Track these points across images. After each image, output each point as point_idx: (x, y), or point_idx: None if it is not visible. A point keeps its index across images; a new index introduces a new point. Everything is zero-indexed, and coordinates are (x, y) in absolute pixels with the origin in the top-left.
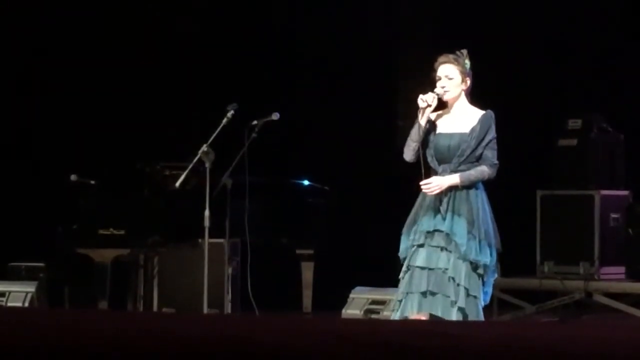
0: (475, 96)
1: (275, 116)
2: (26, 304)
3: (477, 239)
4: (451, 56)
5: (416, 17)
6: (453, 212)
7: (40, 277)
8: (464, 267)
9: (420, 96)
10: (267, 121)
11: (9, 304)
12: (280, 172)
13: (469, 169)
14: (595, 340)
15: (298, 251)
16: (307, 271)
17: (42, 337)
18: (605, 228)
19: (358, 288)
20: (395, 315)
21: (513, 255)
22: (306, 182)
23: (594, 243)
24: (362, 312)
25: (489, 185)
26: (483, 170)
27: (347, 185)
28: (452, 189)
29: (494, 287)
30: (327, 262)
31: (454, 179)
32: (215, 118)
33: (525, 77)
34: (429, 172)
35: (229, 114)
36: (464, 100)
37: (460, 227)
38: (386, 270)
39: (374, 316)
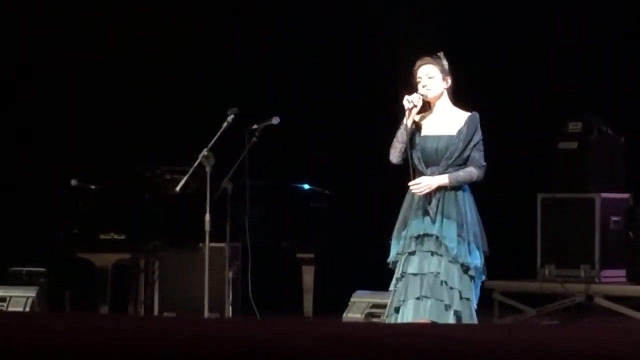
0: (475, 98)
1: (276, 120)
2: (27, 309)
3: (466, 242)
4: (428, 58)
5: (417, 19)
6: (442, 214)
7: (41, 282)
8: (455, 270)
9: (406, 97)
10: (267, 125)
11: (10, 309)
12: (281, 176)
13: (456, 171)
14: (596, 343)
15: (299, 255)
16: (308, 275)
17: (43, 341)
18: (606, 231)
19: (359, 292)
20: (391, 322)
21: (514, 259)
22: (306, 186)
23: (595, 246)
24: (363, 316)
25: (488, 188)
26: (471, 172)
27: (347, 189)
28: (440, 190)
29: (495, 290)
30: (327, 265)
31: (442, 179)
32: (216, 122)
33: (526, 80)
34: (417, 173)
35: (230, 118)
36: (447, 100)
37: (450, 230)
38: (387, 274)
39: (374, 320)
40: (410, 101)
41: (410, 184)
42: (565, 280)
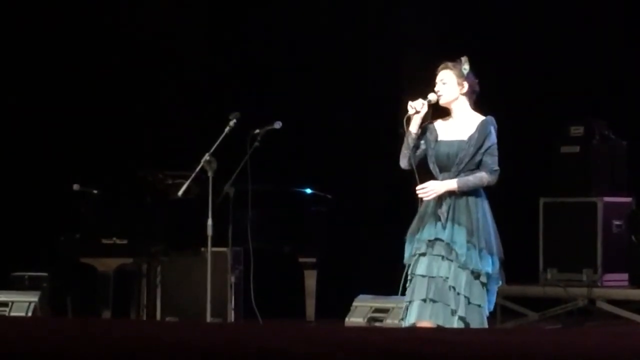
0: (478, 102)
1: (278, 125)
2: (29, 314)
3: (477, 248)
4: (449, 63)
5: (418, 24)
6: (453, 221)
7: (43, 287)
8: (464, 276)
9: (410, 103)
10: (269, 130)
11: (12, 314)
12: (283, 180)
13: (467, 176)
14: (598, 347)
15: (301, 259)
16: (310, 279)
17: (45, 347)
18: (608, 235)
19: (361, 296)
20: (404, 324)
21: (516, 263)
22: (308, 191)
23: (597, 250)
24: (365, 320)
25: (491, 192)
26: (482, 177)
27: (349, 193)
28: (452, 196)
29: (497, 294)
30: (330, 270)
31: (451, 184)
32: (218, 127)
33: (527, 84)
34: (423, 178)
35: (232, 123)
36: (465, 105)
37: (460, 237)
38: (389, 278)
39: (377, 324)
40: (413, 107)
41: (416, 188)
42: (567, 284)
